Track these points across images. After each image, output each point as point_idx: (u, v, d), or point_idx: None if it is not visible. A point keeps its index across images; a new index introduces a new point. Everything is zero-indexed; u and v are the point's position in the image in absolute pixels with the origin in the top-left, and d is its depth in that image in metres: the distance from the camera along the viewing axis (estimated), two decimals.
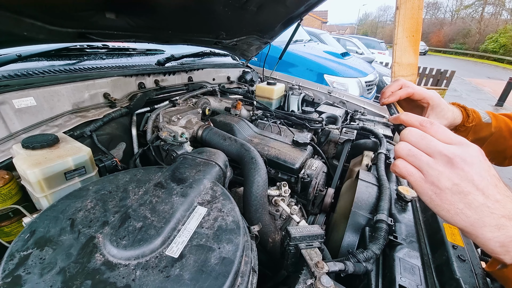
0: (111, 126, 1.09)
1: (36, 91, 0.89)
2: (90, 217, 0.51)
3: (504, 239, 0.38)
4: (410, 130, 0.46)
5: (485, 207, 0.39)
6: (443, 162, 0.41)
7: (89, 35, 0.99)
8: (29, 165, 0.63)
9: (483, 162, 0.41)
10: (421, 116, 0.48)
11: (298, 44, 4.43)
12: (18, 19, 0.81)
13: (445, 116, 0.72)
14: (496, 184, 0.40)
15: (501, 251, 0.39)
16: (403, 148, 0.46)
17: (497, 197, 0.39)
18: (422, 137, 0.45)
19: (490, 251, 0.40)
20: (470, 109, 0.77)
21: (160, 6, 1.06)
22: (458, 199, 0.40)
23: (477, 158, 0.41)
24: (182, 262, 0.45)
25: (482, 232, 0.39)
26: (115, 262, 0.43)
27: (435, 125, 0.45)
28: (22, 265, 0.42)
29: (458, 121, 0.75)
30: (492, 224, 0.38)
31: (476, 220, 0.39)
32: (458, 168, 0.40)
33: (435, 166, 0.42)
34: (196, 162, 0.73)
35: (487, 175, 0.40)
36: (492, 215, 0.39)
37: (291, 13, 1.62)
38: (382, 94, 0.71)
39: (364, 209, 0.83)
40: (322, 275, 0.52)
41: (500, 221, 0.38)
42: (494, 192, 0.39)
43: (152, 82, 1.36)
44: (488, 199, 0.39)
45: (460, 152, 0.41)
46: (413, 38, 1.51)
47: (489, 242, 0.39)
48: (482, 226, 0.39)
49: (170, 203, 0.55)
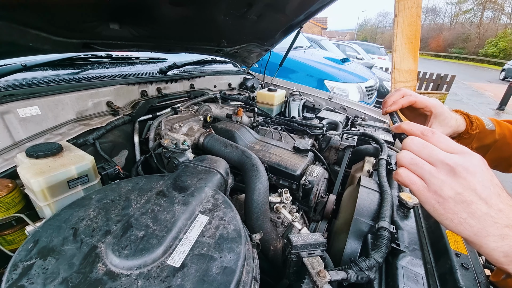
0: (113, 134, 1.10)
1: (41, 100, 0.91)
2: (93, 226, 0.51)
3: (508, 249, 0.38)
4: (412, 139, 0.47)
5: (488, 216, 0.39)
6: (445, 171, 0.41)
7: (93, 45, 1.01)
8: (33, 174, 0.64)
9: (485, 171, 0.41)
10: (423, 125, 0.49)
11: (298, 51, 4.47)
12: (24, 30, 0.83)
13: (448, 124, 0.72)
14: (499, 193, 0.40)
15: (505, 261, 0.38)
16: (405, 156, 0.46)
17: (500, 206, 0.39)
18: (424, 146, 0.45)
19: (494, 261, 0.40)
20: (473, 116, 0.77)
21: (162, 16, 1.08)
22: (461, 208, 0.40)
23: (480, 167, 0.41)
24: (183, 271, 0.45)
25: (486, 242, 0.39)
26: (117, 272, 0.43)
27: (437, 134, 0.46)
28: (26, 275, 0.42)
29: (461, 129, 0.75)
30: (496, 234, 0.38)
31: (479, 230, 0.39)
32: (461, 177, 0.40)
33: (437, 175, 0.42)
34: (197, 170, 0.74)
35: (490, 184, 0.40)
36: (495, 225, 0.38)
37: (291, 21, 1.65)
38: (384, 103, 0.71)
39: (366, 216, 0.83)
40: (324, 284, 0.52)
41: (504, 230, 0.38)
42: (497, 202, 0.39)
43: (154, 90, 1.37)
44: (491, 209, 0.39)
45: (462, 161, 0.41)
46: (412, 45, 1.52)
47: (493, 252, 0.39)
48: (485, 236, 0.39)
49: (172, 212, 0.55)
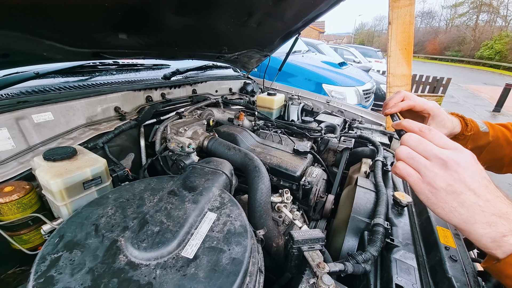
0: (121, 138, 1.15)
1: (54, 107, 0.96)
2: (112, 223, 0.56)
3: (495, 235, 0.42)
4: (410, 135, 0.51)
5: (476, 205, 0.43)
6: (438, 164, 0.46)
7: (103, 54, 1.06)
8: (51, 176, 0.69)
9: (475, 166, 0.45)
10: (421, 123, 0.53)
11: (296, 55, 4.55)
12: (39, 41, 0.89)
13: (445, 126, 0.76)
14: (486, 185, 0.44)
15: (493, 246, 0.43)
16: (403, 151, 0.51)
17: (487, 197, 0.44)
18: (420, 142, 0.49)
19: (483, 246, 0.44)
20: (468, 119, 0.81)
21: (167, 26, 1.14)
22: (451, 198, 0.45)
23: (470, 162, 0.45)
24: (196, 262, 0.49)
25: (474, 228, 0.44)
26: (137, 262, 0.48)
27: (433, 131, 0.50)
28: (54, 267, 0.47)
29: (457, 130, 0.79)
30: (484, 221, 0.43)
31: (468, 218, 0.44)
32: (452, 170, 0.45)
33: (431, 168, 0.47)
34: (204, 171, 0.79)
35: (479, 177, 0.45)
36: (483, 213, 0.43)
37: (289, 28, 1.71)
38: (385, 105, 0.75)
39: (362, 214, 0.88)
40: (324, 274, 0.57)
41: (491, 218, 0.42)
42: (485, 193, 0.44)
43: (159, 95, 1.43)
44: (479, 199, 0.43)
45: (454, 156, 0.46)
46: (405, 51, 1.59)
47: (481, 238, 0.43)
48: (474, 223, 0.43)
49: (183, 209, 0.60)
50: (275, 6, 1.29)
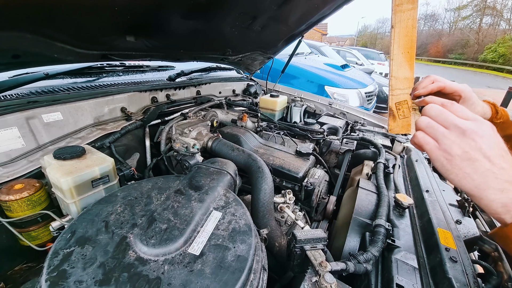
0: (127, 138, 1.17)
1: (63, 107, 0.98)
2: (121, 220, 0.58)
3: (507, 200, 0.43)
4: (432, 105, 0.52)
5: (490, 172, 0.44)
6: (456, 133, 0.47)
7: (111, 56, 1.09)
8: (62, 174, 0.71)
9: (493, 136, 0.46)
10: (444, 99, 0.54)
11: (299, 57, 4.57)
12: (51, 43, 0.91)
13: (475, 110, 0.76)
14: (503, 155, 0.45)
15: (503, 211, 0.44)
16: (423, 121, 0.52)
17: (503, 165, 0.44)
18: (441, 112, 0.50)
19: (492, 211, 0.45)
20: (500, 107, 0.82)
21: (174, 29, 1.16)
22: (466, 165, 0.46)
23: (488, 132, 0.46)
24: (203, 259, 0.51)
25: (486, 194, 0.45)
26: (146, 258, 0.50)
27: (455, 105, 0.51)
28: (66, 261, 0.49)
29: (487, 116, 0.79)
30: (496, 187, 0.44)
31: (481, 183, 0.45)
32: (470, 138, 0.46)
33: (449, 136, 0.48)
34: (209, 171, 0.81)
35: (496, 146, 0.46)
36: (496, 180, 0.44)
37: (293, 31, 1.73)
38: (414, 89, 0.74)
39: (364, 215, 0.89)
40: (326, 273, 0.58)
41: (504, 185, 0.43)
42: (501, 161, 0.45)
43: (163, 96, 1.45)
44: (494, 166, 0.44)
45: (474, 126, 0.47)
46: (408, 54, 1.61)
47: (492, 204, 0.44)
48: (486, 189, 0.44)
49: (190, 208, 0.62)
50: (279, 10, 1.31)
